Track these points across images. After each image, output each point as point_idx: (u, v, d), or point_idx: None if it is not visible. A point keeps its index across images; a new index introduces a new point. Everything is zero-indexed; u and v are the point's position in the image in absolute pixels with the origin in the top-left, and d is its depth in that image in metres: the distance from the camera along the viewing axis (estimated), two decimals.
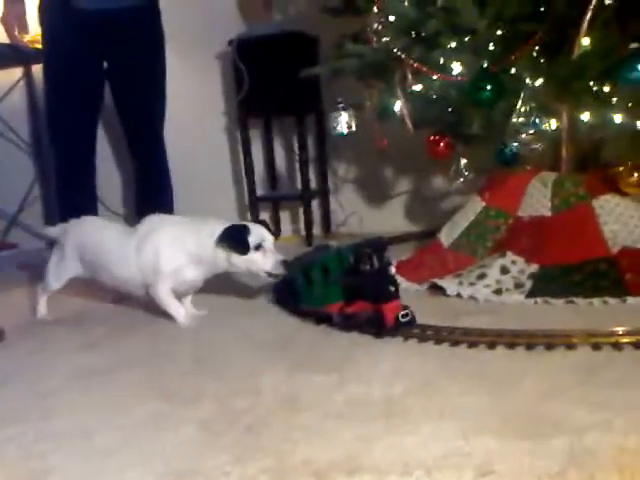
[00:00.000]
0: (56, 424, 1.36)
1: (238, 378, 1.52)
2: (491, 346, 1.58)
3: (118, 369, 1.65)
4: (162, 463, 1.16)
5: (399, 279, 2.22)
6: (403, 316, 1.71)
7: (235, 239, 1.92)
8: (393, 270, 1.78)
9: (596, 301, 1.86)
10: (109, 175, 3.62)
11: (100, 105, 2.83)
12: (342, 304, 1.80)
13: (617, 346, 1.51)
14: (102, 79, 2.80)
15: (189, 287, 2.06)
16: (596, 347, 1.51)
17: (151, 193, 2.89)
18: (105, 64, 2.78)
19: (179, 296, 2.06)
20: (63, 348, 1.89)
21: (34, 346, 1.93)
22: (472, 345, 1.60)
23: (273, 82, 3.04)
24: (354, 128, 2.45)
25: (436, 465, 1.07)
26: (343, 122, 2.40)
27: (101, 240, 2.13)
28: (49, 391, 1.54)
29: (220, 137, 3.54)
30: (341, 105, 2.39)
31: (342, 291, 1.81)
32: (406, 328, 1.70)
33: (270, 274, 1.95)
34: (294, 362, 1.59)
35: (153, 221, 2.09)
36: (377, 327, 1.71)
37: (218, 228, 1.93)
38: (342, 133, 2.41)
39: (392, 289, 1.72)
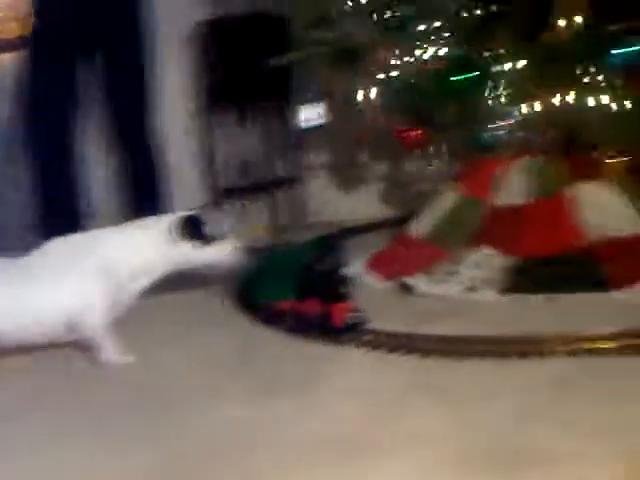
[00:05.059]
0: None
1: (188, 413, 1.37)
2: (462, 357, 1.47)
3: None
4: None
5: (370, 275, 2.14)
6: (352, 318, 1.66)
7: (194, 229, 1.71)
8: (345, 271, 1.69)
9: (573, 296, 1.76)
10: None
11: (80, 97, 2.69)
12: (293, 301, 1.75)
13: (595, 352, 1.41)
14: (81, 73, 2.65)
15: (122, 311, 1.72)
16: (573, 354, 1.41)
17: (146, 184, 2.76)
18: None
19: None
20: None
21: None
22: (442, 355, 1.49)
23: (242, 67, 2.91)
24: (324, 119, 2.32)
25: None
26: (312, 114, 2.27)
27: None
28: None
29: (186, 124, 3.39)
30: (310, 96, 2.25)
31: (294, 289, 1.76)
32: (355, 330, 1.65)
33: (228, 263, 1.75)
34: (254, 385, 1.46)
35: (64, 245, 1.73)
36: (325, 328, 1.65)
37: (166, 221, 1.71)
38: (313, 125, 2.28)
39: (343, 290, 1.68)
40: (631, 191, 1.95)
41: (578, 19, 1.71)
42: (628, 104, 1.85)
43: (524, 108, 1.95)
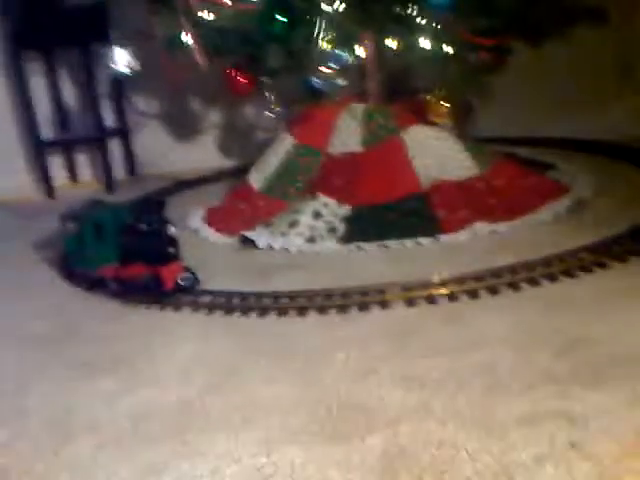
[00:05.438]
0: None
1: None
2: (302, 312, 1.44)
3: None
4: None
5: (209, 231, 2.05)
6: (183, 279, 1.58)
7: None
8: (172, 230, 1.59)
9: (409, 242, 1.78)
10: None
11: None
12: (116, 266, 1.63)
13: (432, 300, 1.43)
14: None
15: None
16: (411, 303, 1.42)
17: None
18: None
19: None
20: None
21: None
22: (282, 313, 1.45)
23: (50, 7, 2.61)
24: (135, 65, 2.14)
25: None
26: (121, 60, 2.08)
27: None
28: None
29: None
30: (119, 39, 2.06)
31: (117, 252, 1.63)
32: (187, 292, 1.58)
33: None
34: (73, 362, 1.34)
35: None
36: (155, 291, 1.57)
37: None
38: (122, 73, 2.10)
39: (172, 250, 1.58)
40: (458, 134, 1.98)
41: None
42: (448, 47, 1.85)
43: (347, 52, 1.90)
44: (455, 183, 1.90)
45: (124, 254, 1.61)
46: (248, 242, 1.89)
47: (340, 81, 1.88)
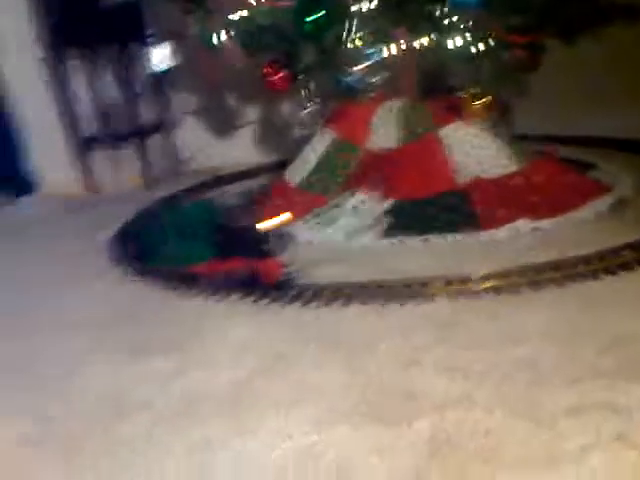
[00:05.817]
0: None
1: (45, 379, 1.29)
2: (345, 303, 1.47)
3: None
4: None
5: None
6: (285, 274, 1.59)
7: None
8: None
9: (450, 237, 1.80)
10: None
11: None
12: (212, 263, 1.63)
13: (474, 294, 1.45)
14: None
15: None
16: (454, 297, 1.44)
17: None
18: None
19: None
20: None
21: None
22: (326, 303, 1.48)
23: (90, 5, 2.68)
24: (174, 62, 2.18)
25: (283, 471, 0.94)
26: (159, 58, 2.12)
27: None
28: None
29: (34, 71, 3.11)
30: (156, 38, 2.10)
31: (212, 249, 1.65)
32: (288, 287, 1.56)
33: None
34: (124, 345, 1.39)
35: None
36: (255, 287, 1.55)
37: None
38: (162, 70, 2.14)
39: (268, 246, 1.63)
40: (495, 132, 2.00)
41: None
42: (482, 46, 1.87)
43: (382, 50, 1.92)
44: (494, 180, 1.92)
45: (220, 251, 1.62)
46: (288, 237, 1.93)
47: (373, 78, 1.90)
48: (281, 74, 2.16)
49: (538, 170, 1.98)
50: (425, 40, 1.91)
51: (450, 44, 1.89)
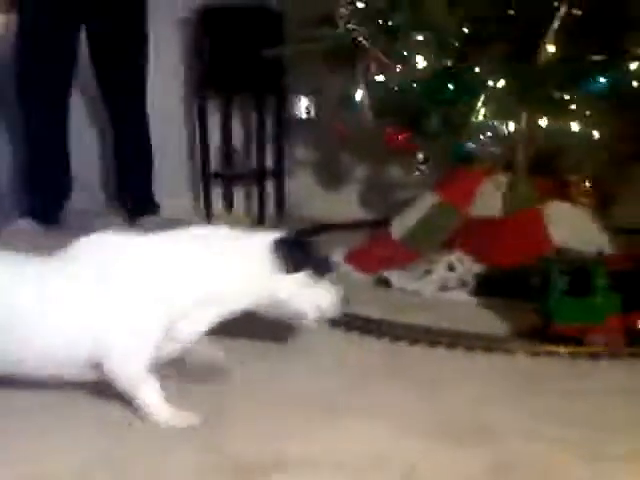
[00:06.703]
0: None
1: None
2: (432, 345, 1.59)
3: None
4: None
5: (346, 268, 2.24)
6: None
7: (302, 260, 1.30)
8: None
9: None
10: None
11: (74, 71, 2.74)
12: (621, 316, 1.55)
13: (555, 355, 1.54)
14: (78, 43, 2.70)
15: (176, 349, 1.27)
16: (535, 354, 1.54)
17: (135, 165, 2.89)
18: (84, 27, 2.68)
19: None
20: None
21: None
22: (413, 342, 1.61)
23: (236, 57, 2.97)
24: (313, 114, 2.42)
25: (361, 465, 1.07)
26: (302, 107, 2.37)
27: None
28: None
29: (176, 108, 3.45)
30: (300, 91, 2.35)
31: (616, 301, 1.55)
32: None
33: (321, 314, 1.35)
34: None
35: (107, 244, 1.28)
36: None
37: (264, 240, 1.30)
38: (302, 119, 2.38)
39: None
40: (594, 213, 2.09)
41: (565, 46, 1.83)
42: (597, 133, 1.98)
43: (504, 125, 2.07)
44: None
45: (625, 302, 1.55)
46: (385, 282, 2.07)
47: (493, 150, 2.05)
48: (404, 135, 2.35)
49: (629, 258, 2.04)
50: (544, 121, 2.06)
51: (567, 129, 2.01)
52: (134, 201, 2.91)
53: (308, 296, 1.31)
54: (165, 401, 1.20)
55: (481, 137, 2.01)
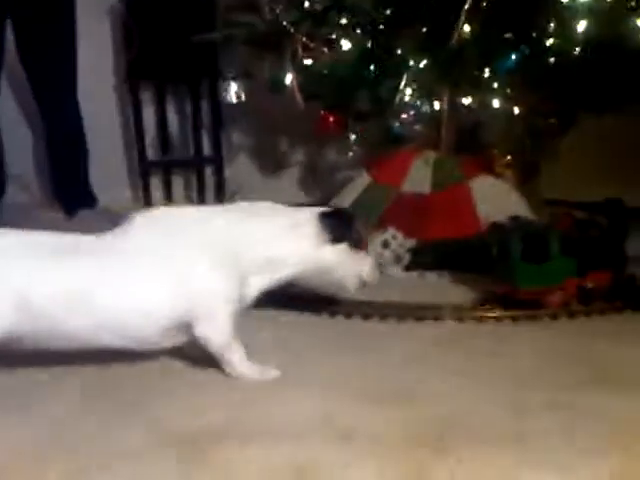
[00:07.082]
0: None
1: None
2: (365, 318, 1.67)
3: None
4: None
5: None
6: None
7: (345, 230, 1.40)
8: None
9: (466, 275, 1.98)
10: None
11: (1, 65, 2.68)
12: (577, 279, 1.66)
13: (480, 320, 1.64)
14: (4, 36, 2.63)
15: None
16: (460, 320, 1.63)
17: (70, 158, 2.85)
18: (9, 19, 2.63)
19: None
20: None
21: None
22: (347, 316, 1.68)
23: (166, 45, 2.96)
24: (243, 98, 2.46)
25: (299, 431, 1.13)
26: (232, 92, 2.40)
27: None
28: None
29: (109, 99, 3.43)
30: (231, 75, 2.38)
31: (570, 265, 1.65)
32: None
33: (361, 282, 1.46)
34: None
35: (171, 216, 1.37)
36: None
37: (312, 213, 1.39)
38: (232, 103, 2.42)
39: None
40: (516, 185, 2.19)
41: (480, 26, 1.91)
42: (516, 109, 2.08)
43: (427, 105, 2.15)
44: None
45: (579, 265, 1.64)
46: None
47: (418, 129, 2.13)
48: (335, 119, 2.41)
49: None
50: (466, 99, 2.14)
51: (488, 105, 2.10)
52: (71, 195, 2.88)
53: (350, 265, 1.41)
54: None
55: (404, 116, 2.08)
